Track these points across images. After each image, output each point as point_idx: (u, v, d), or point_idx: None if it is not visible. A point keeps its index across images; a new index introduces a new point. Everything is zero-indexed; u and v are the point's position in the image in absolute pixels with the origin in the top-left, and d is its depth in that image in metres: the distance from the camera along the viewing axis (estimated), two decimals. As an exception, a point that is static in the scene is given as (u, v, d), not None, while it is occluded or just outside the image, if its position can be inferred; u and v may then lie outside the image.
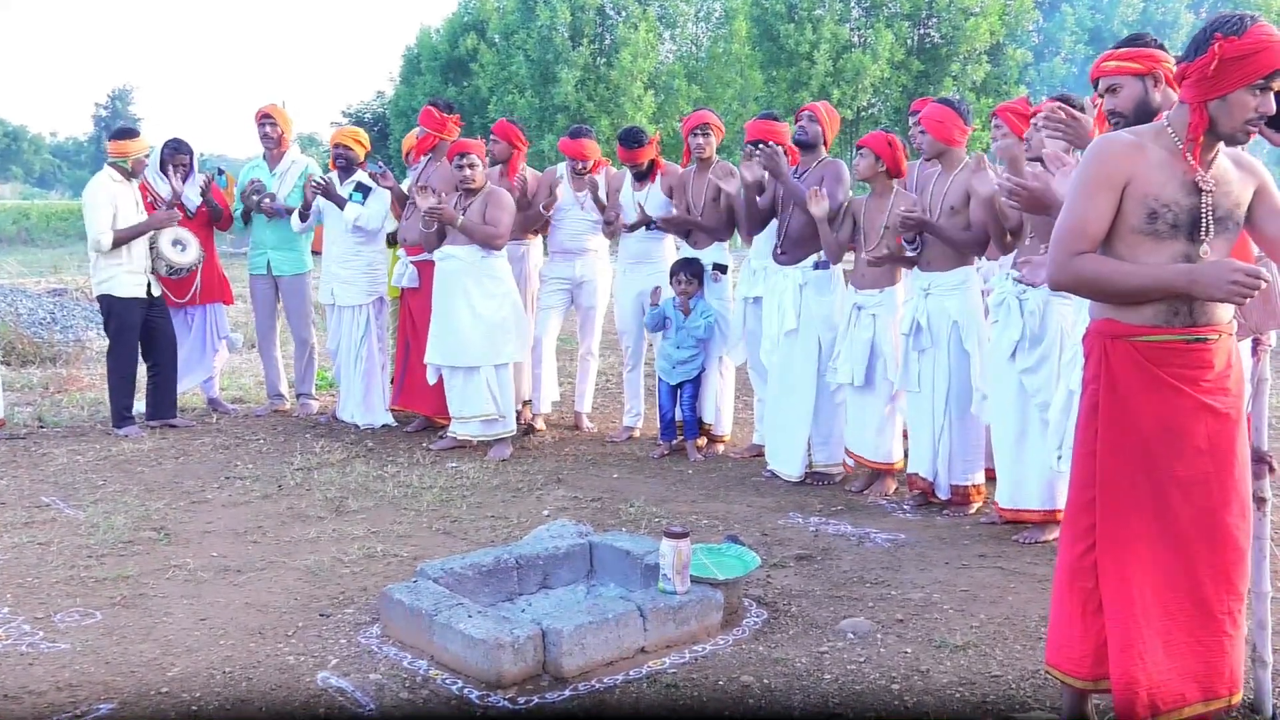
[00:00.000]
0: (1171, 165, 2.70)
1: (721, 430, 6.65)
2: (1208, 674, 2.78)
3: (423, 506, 5.40)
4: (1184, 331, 2.72)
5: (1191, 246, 2.70)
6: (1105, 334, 2.80)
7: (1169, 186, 2.69)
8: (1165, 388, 2.73)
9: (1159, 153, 2.71)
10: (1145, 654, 2.73)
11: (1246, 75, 2.59)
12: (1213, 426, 2.75)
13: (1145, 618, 2.74)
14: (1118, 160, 2.70)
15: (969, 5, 29.44)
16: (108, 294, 6.86)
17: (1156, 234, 2.69)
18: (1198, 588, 2.77)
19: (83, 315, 11.23)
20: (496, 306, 6.34)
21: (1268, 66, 2.59)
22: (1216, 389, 2.75)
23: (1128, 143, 2.74)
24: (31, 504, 5.46)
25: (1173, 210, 2.68)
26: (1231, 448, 2.78)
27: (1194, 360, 2.73)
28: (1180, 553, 2.77)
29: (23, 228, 34.37)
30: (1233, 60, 2.59)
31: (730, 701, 3.28)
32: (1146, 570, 2.76)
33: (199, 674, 3.47)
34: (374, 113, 39.90)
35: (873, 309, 5.53)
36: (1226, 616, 2.78)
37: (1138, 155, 2.71)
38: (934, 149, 5.18)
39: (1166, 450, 2.75)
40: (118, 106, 71.76)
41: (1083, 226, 2.72)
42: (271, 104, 7.72)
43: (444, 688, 3.36)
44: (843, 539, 4.86)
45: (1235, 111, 2.63)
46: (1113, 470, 2.80)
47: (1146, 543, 2.77)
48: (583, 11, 31.34)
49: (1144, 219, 2.69)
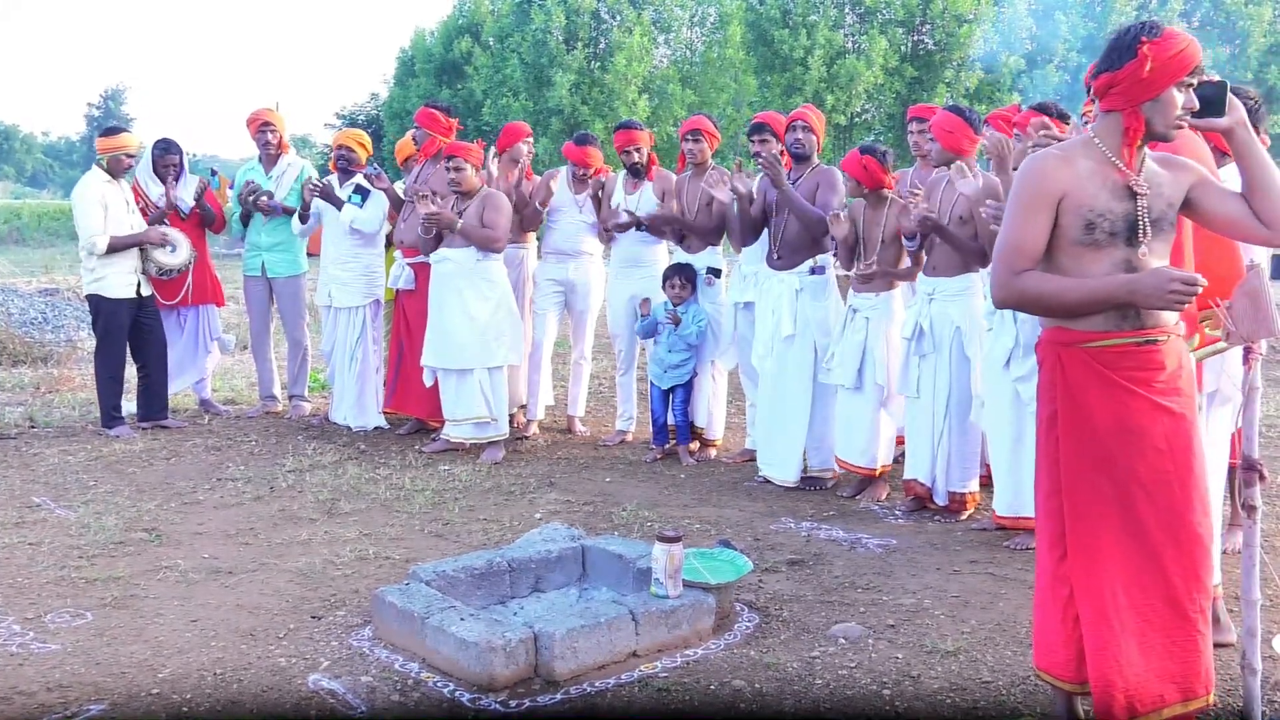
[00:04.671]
0: (1102, 174, 2.78)
1: (713, 435, 6.65)
2: (1185, 674, 2.80)
3: (415, 509, 5.40)
4: (1134, 334, 2.78)
5: (1131, 251, 2.77)
6: (1058, 342, 2.87)
7: (1102, 196, 2.77)
8: (1120, 390, 2.79)
9: (1088, 164, 2.80)
10: (1121, 656, 2.77)
11: (1175, 73, 2.71)
12: (1169, 426, 2.80)
13: (1119, 621, 2.78)
14: (1049, 177, 2.79)
15: (963, 12, 29.54)
16: (96, 294, 6.85)
17: (1096, 243, 2.77)
18: (1169, 589, 2.80)
19: (74, 315, 11.18)
20: (491, 309, 6.34)
21: (1191, 61, 2.71)
22: (1169, 389, 2.80)
23: (1057, 158, 2.83)
24: (22, 504, 5.44)
25: (1108, 218, 2.76)
26: (1189, 447, 2.82)
27: (1146, 361, 2.79)
28: (1150, 555, 2.80)
29: (14, 227, 34.24)
30: (1163, 61, 2.70)
31: (721, 706, 3.28)
32: (1117, 573, 2.81)
33: (190, 675, 3.47)
34: (368, 115, 39.92)
35: (866, 312, 5.55)
36: (1199, 615, 2.81)
37: (1068, 169, 2.79)
38: (943, 157, 5.19)
39: (1126, 452, 2.80)
40: (110, 106, 71.53)
41: (1021, 245, 2.80)
42: (266, 109, 7.71)
43: (436, 690, 3.36)
44: (834, 544, 4.87)
45: (1167, 110, 2.74)
46: (1076, 476, 2.86)
47: (1116, 546, 2.81)
48: (577, 15, 31.38)
49: (1081, 230, 2.77)
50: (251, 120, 7.57)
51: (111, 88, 79.57)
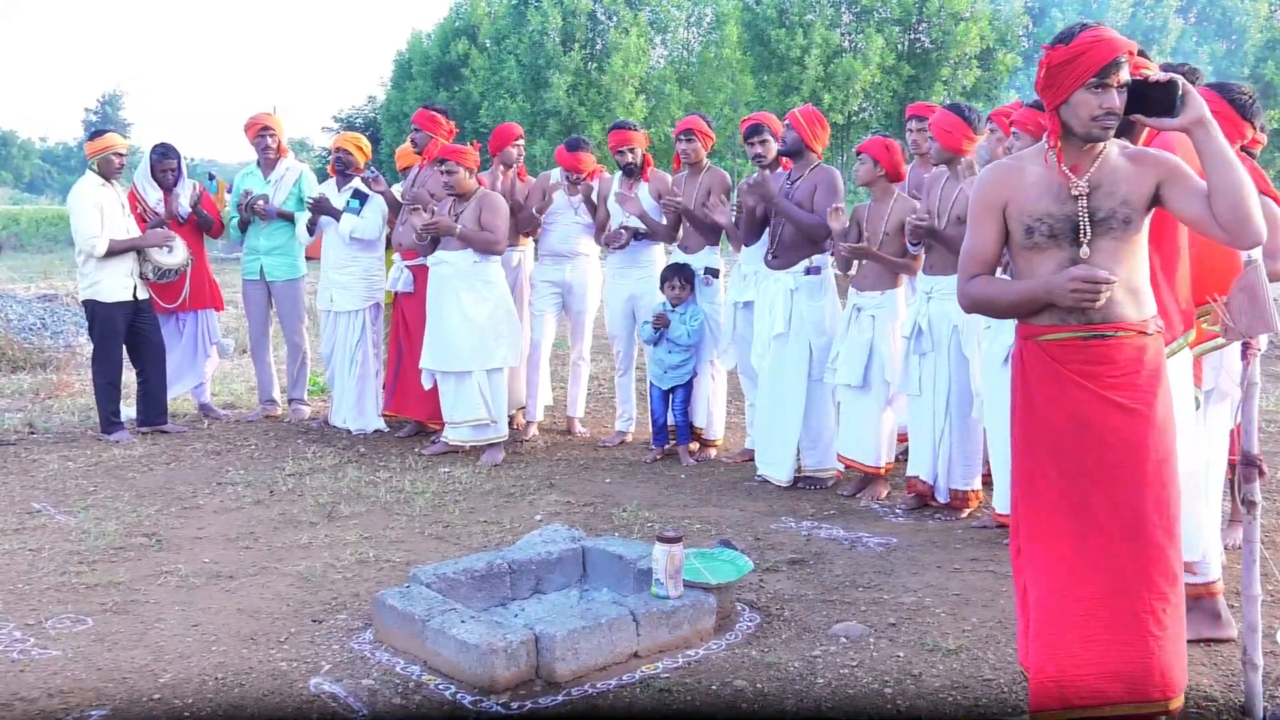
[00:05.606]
0: (1049, 178, 2.83)
1: (713, 435, 6.65)
2: (1132, 674, 2.75)
3: (415, 511, 5.40)
4: (1080, 329, 2.82)
5: (1074, 251, 2.80)
6: (1020, 335, 2.94)
7: (1043, 200, 2.82)
8: (1069, 383, 2.83)
9: (1037, 169, 2.86)
10: (1059, 646, 2.78)
11: (1079, 76, 2.72)
12: (1119, 420, 2.80)
13: (1061, 611, 2.79)
14: (994, 186, 2.91)
15: (959, 10, 29.55)
16: (93, 299, 6.85)
17: (1037, 246, 2.84)
18: (1120, 586, 2.77)
19: (73, 320, 11.19)
20: (488, 311, 6.35)
21: (1096, 63, 2.70)
22: (1123, 384, 2.80)
23: (1006, 167, 2.93)
24: (22, 510, 5.44)
25: (1046, 222, 2.81)
26: (1143, 443, 2.80)
27: (1094, 355, 2.81)
28: (1101, 549, 2.79)
29: (12, 233, 34.24)
30: (1059, 66, 2.74)
31: (723, 706, 3.28)
32: (1061, 564, 2.81)
33: (191, 680, 3.47)
34: (365, 117, 39.91)
35: (872, 310, 5.55)
36: (1149, 616, 2.76)
37: (1013, 177, 2.88)
38: (942, 156, 5.19)
39: (1075, 444, 2.82)
40: (108, 111, 71.50)
41: (972, 251, 2.96)
42: (264, 113, 7.69)
43: (437, 693, 3.36)
44: (835, 543, 4.87)
45: (1080, 112, 2.75)
46: (1028, 467, 2.91)
47: (1065, 538, 2.82)
48: (574, 16, 31.41)
49: (1023, 234, 2.86)
50: (250, 125, 7.56)
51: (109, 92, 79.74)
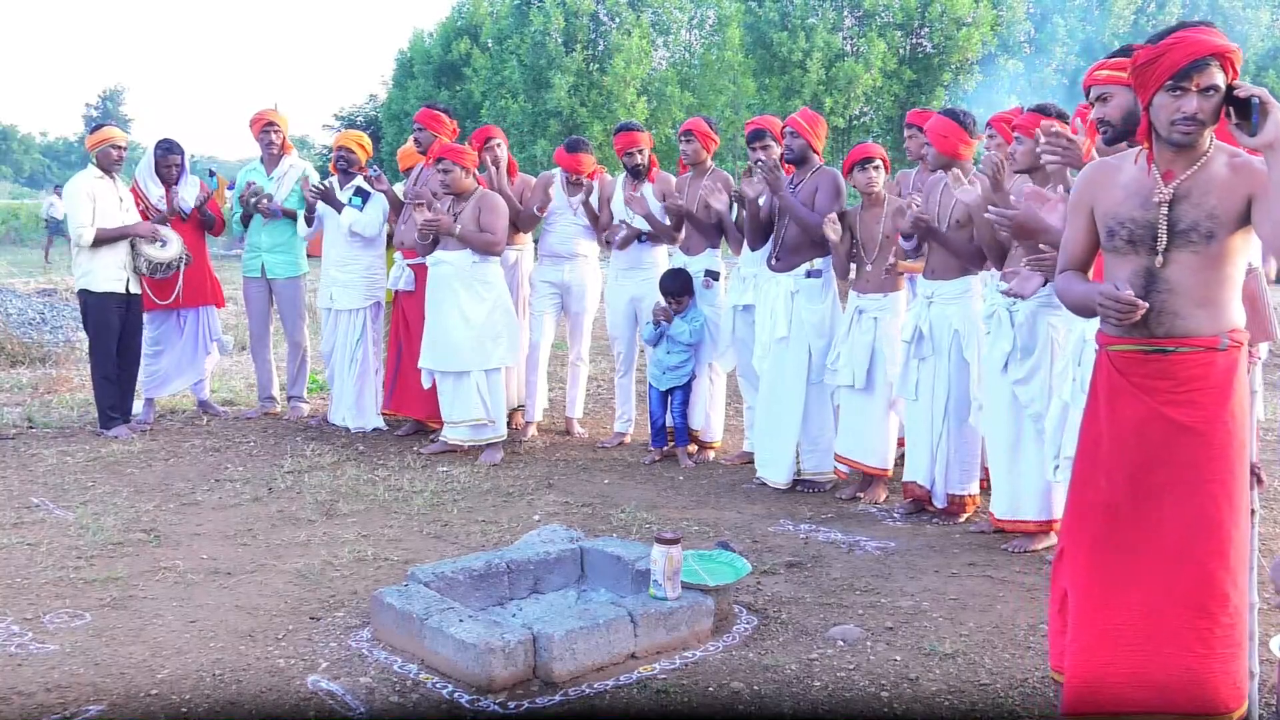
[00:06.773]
0: (1140, 181, 2.79)
1: (712, 437, 6.66)
2: (1168, 684, 2.70)
3: (414, 510, 5.40)
4: (1141, 342, 2.79)
5: (1150, 260, 2.75)
6: (1097, 343, 2.93)
7: (1129, 204, 2.78)
8: (1130, 395, 2.81)
9: (1132, 170, 2.82)
10: (1096, 651, 2.75)
11: (1158, 78, 2.69)
12: (1172, 436, 2.74)
13: (1101, 617, 2.77)
14: (1085, 185, 2.93)
15: (961, 15, 29.56)
16: (85, 288, 6.86)
17: (1116, 250, 2.82)
18: (1160, 604, 2.71)
19: (72, 316, 11.19)
20: (487, 311, 6.35)
21: (1173, 65, 2.66)
22: (1182, 400, 2.74)
23: (1101, 166, 2.93)
24: (21, 505, 5.44)
25: (1127, 226, 2.77)
26: (1195, 463, 2.73)
27: (1154, 370, 2.78)
28: (1143, 565, 2.75)
29: (12, 228, 34.26)
30: (1143, 66, 2.72)
31: (720, 707, 3.28)
32: (1104, 573, 2.79)
33: (188, 676, 3.47)
34: (366, 116, 39.90)
35: (874, 313, 5.56)
36: (1190, 633, 2.69)
37: (1106, 177, 2.87)
38: (939, 161, 5.19)
39: (1131, 456, 2.79)
40: (109, 107, 71.51)
41: (1065, 245, 3.01)
42: (269, 109, 7.69)
43: (434, 691, 3.36)
44: (833, 546, 4.88)
45: (1161, 114, 2.72)
46: (1083, 473, 2.91)
47: (1109, 549, 2.80)
48: (576, 17, 31.40)
49: (1106, 237, 2.85)
50: (255, 120, 7.56)
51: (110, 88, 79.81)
